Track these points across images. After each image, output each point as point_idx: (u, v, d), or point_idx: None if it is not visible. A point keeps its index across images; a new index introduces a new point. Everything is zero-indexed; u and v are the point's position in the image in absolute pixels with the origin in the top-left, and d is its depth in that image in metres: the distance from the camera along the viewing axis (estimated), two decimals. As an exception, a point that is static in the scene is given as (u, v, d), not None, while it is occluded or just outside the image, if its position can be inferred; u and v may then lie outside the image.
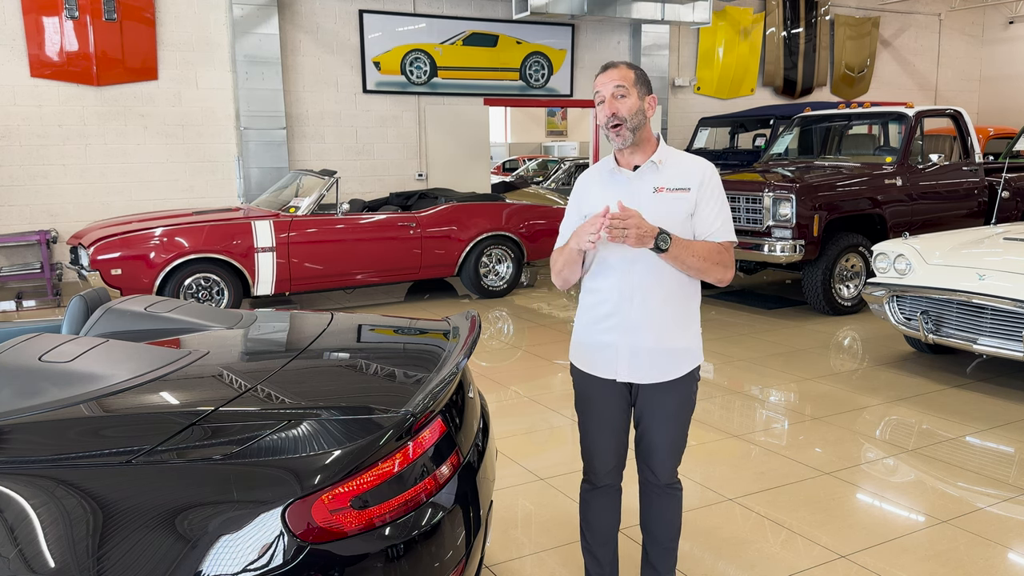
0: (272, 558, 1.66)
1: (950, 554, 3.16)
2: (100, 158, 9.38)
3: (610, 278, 2.44)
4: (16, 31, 8.82)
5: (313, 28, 10.37)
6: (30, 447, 1.80)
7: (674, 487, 2.59)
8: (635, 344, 2.43)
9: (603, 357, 2.48)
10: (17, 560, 1.58)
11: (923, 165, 7.75)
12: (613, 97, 2.34)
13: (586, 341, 2.53)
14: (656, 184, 2.40)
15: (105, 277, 6.72)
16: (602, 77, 2.38)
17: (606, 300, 2.45)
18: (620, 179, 2.44)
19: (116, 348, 2.29)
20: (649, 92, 2.40)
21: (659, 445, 2.51)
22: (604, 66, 2.40)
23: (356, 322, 2.88)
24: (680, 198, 2.39)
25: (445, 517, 1.96)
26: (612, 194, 2.40)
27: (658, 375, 2.46)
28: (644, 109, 2.38)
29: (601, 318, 2.47)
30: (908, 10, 15.41)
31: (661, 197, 2.39)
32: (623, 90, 2.33)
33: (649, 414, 2.50)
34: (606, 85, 2.36)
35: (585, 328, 2.54)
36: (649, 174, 2.41)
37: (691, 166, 2.43)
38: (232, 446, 1.80)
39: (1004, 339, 4.92)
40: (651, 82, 2.46)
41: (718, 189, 2.43)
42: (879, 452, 4.21)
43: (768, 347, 6.34)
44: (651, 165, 2.41)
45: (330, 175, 7.67)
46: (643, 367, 2.45)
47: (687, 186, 2.39)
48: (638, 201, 2.36)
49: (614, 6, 10.77)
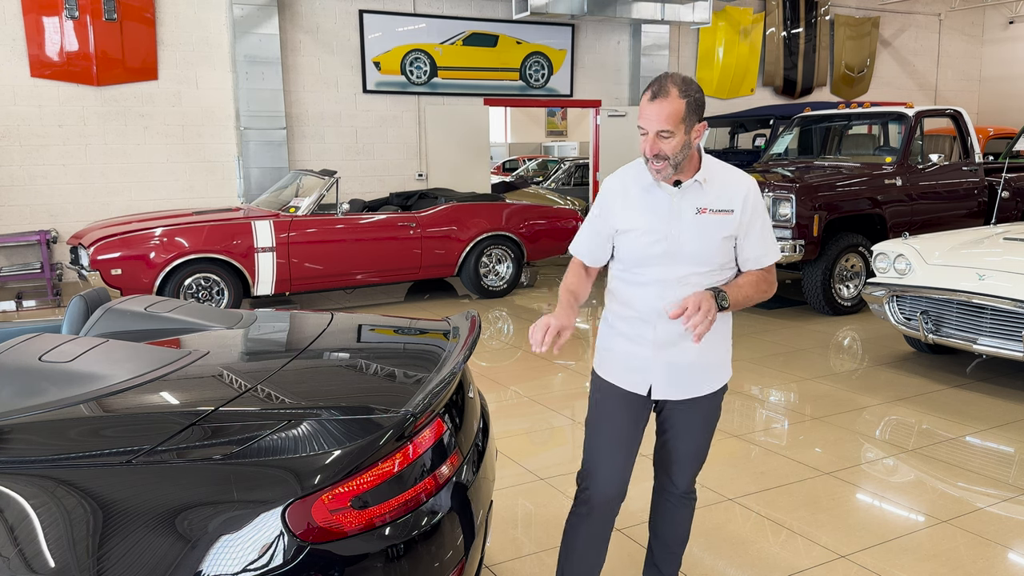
0: (272, 558, 1.66)
1: (950, 554, 3.16)
2: (100, 158, 9.38)
3: (647, 293, 2.30)
4: (16, 31, 8.82)
5: (313, 28, 10.37)
6: (30, 447, 1.80)
7: (691, 496, 2.54)
8: (673, 359, 2.32)
9: (635, 370, 2.35)
10: (17, 560, 1.58)
11: (923, 165, 7.75)
12: (658, 137, 2.15)
13: (616, 350, 2.38)
14: (699, 204, 2.25)
15: (105, 277, 6.72)
16: (649, 108, 2.15)
17: (641, 315, 2.32)
18: (660, 196, 2.27)
19: (116, 348, 2.29)
20: (700, 119, 2.20)
21: (684, 455, 2.45)
22: (653, 91, 2.14)
23: (356, 322, 2.88)
24: (722, 221, 2.25)
25: (445, 517, 1.96)
26: (650, 214, 2.26)
27: (694, 390, 2.37)
28: (691, 141, 2.19)
29: (635, 328, 2.34)
30: (908, 10, 15.41)
31: (703, 219, 2.24)
32: (668, 133, 2.13)
33: (676, 426, 2.41)
34: (650, 122, 2.14)
35: (615, 337, 2.39)
36: (692, 193, 2.25)
37: (734, 184, 2.29)
38: (232, 446, 1.80)
39: (1004, 339, 4.92)
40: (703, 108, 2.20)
41: (761, 208, 2.31)
42: (879, 452, 4.21)
43: (768, 347, 6.34)
44: (694, 184, 2.25)
45: (330, 175, 7.67)
46: (681, 383, 2.35)
47: (730, 207, 2.25)
48: (679, 223, 2.24)
49: (614, 6, 10.77)
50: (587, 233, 2.42)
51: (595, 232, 2.39)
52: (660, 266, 2.26)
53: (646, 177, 2.28)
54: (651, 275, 2.28)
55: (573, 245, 2.47)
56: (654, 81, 2.18)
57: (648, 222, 2.26)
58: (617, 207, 2.33)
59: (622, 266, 2.36)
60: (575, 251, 2.46)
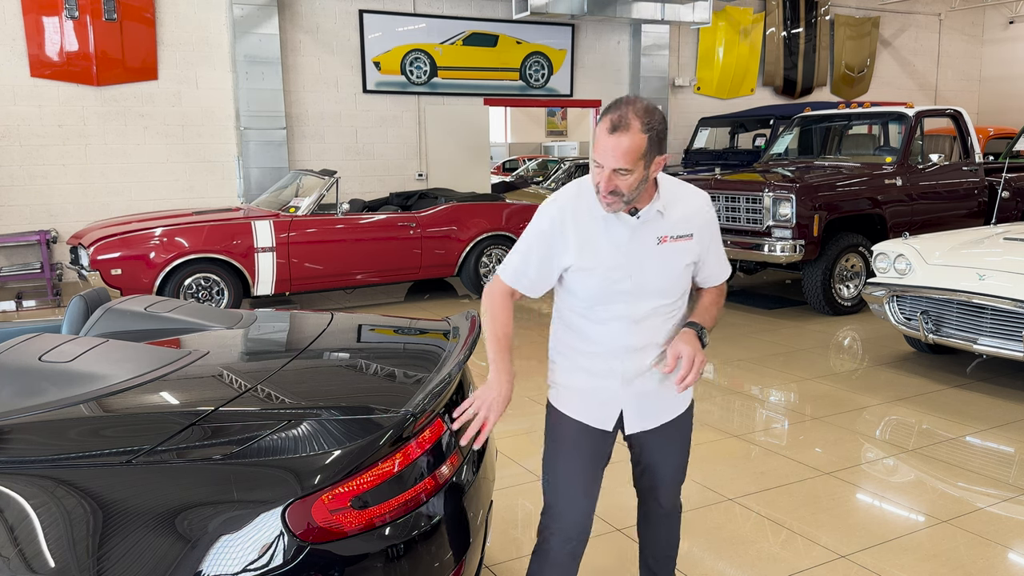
0: (272, 558, 1.66)
1: (950, 554, 3.16)
2: (100, 158, 9.38)
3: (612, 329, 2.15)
4: (16, 31, 8.82)
5: (313, 28, 10.37)
6: (30, 447, 1.80)
7: (678, 508, 2.46)
8: (641, 389, 2.19)
9: (603, 403, 2.20)
10: (17, 560, 1.58)
11: (923, 165, 7.75)
12: (615, 174, 1.96)
13: (579, 385, 2.21)
14: (659, 233, 2.11)
15: (105, 277, 6.72)
16: (607, 142, 1.94)
17: (600, 348, 2.17)
18: (618, 228, 2.09)
19: (116, 348, 2.29)
20: (662, 152, 2.00)
21: (667, 478, 2.35)
22: (613, 123, 1.93)
23: (356, 322, 2.88)
24: (684, 248, 2.14)
25: (445, 517, 1.96)
26: (610, 249, 2.08)
27: (666, 415, 2.26)
28: (649, 175, 2.01)
29: (601, 363, 2.18)
30: (908, 10, 15.41)
31: (665, 249, 2.11)
32: (626, 171, 1.95)
33: (655, 454, 2.30)
34: (607, 158, 1.94)
35: (577, 371, 2.21)
36: (652, 222, 2.10)
37: (690, 207, 2.16)
38: (232, 446, 1.80)
39: (1004, 339, 4.92)
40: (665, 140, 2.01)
41: (715, 224, 2.22)
42: (879, 452, 4.21)
43: (768, 347, 6.34)
44: (655, 214, 2.10)
45: (330, 175, 7.67)
46: (652, 412, 2.24)
47: (689, 232, 2.14)
48: (639, 253, 2.09)
49: (614, 6, 10.77)
50: (531, 262, 2.14)
51: (541, 262, 2.13)
52: (624, 303, 2.11)
53: (600, 208, 2.07)
54: (615, 312, 2.12)
55: (508, 272, 2.17)
56: (614, 108, 1.96)
57: (610, 259, 2.08)
58: (570, 241, 2.09)
59: (581, 304, 2.15)
60: (512, 280, 2.17)
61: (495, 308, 2.17)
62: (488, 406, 2.06)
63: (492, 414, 2.06)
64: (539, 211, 2.16)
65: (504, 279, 2.19)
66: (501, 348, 2.13)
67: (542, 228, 2.12)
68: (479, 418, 2.05)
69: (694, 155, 11.44)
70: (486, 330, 2.17)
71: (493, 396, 2.07)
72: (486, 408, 2.05)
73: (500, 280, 2.20)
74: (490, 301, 2.19)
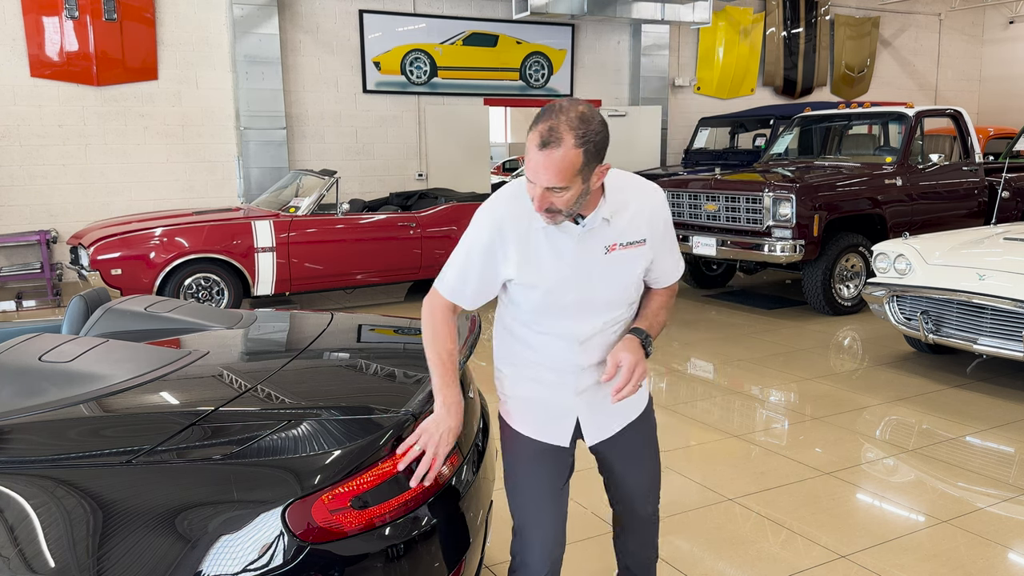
0: (272, 558, 1.66)
1: (950, 554, 3.16)
2: (100, 158, 9.38)
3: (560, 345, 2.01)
4: (16, 31, 8.82)
5: (313, 28, 10.37)
6: (30, 447, 1.80)
7: (656, 515, 2.30)
8: (593, 399, 2.07)
9: (558, 418, 2.07)
10: (17, 560, 1.58)
11: (923, 165, 7.75)
12: (548, 191, 1.78)
13: (532, 398, 2.07)
14: (607, 242, 1.93)
15: (105, 277, 6.72)
16: (537, 158, 1.74)
17: (549, 359, 2.03)
18: (561, 239, 1.92)
19: (116, 348, 2.29)
20: (601, 161, 1.81)
21: (639, 485, 2.20)
22: (543, 137, 1.73)
23: (356, 322, 2.88)
24: (636, 255, 1.97)
25: (445, 517, 1.96)
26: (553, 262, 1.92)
27: (624, 419, 2.13)
28: (590, 186, 1.82)
29: (543, 374, 2.05)
30: (908, 10, 15.41)
31: (615, 258, 1.94)
32: (560, 189, 1.77)
33: (620, 460, 2.16)
34: (538, 176, 1.76)
35: (523, 381, 2.07)
36: (599, 229, 1.93)
37: (640, 204, 1.97)
38: (232, 446, 1.80)
39: (1004, 339, 4.92)
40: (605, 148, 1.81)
41: (669, 222, 2.04)
42: (879, 452, 4.21)
43: (768, 347, 6.34)
44: (600, 221, 1.92)
45: (330, 175, 7.67)
46: (607, 420, 2.11)
47: (640, 237, 1.96)
48: (586, 264, 1.93)
49: (614, 6, 10.77)
50: (469, 279, 1.97)
51: (480, 278, 1.96)
52: (571, 319, 1.97)
53: (540, 218, 1.89)
54: (560, 329, 1.98)
55: (445, 285, 1.99)
56: (543, 117, 1.75)
57: (553, 272, 1.92)
58: (510, 253, 1.92)
59: (523, 314, 2.01)
60: (450, 294, 1.99)
61: (436, 324, 1.98)
62: (435, 442, 1.87)
63: (441, 449, 1.87)
64: (476, 219, 1.97)
65: (442, 293, 2.00)
66: (446, 372, 1.94)
67: (479, 240, 1.94)
68: (427, 456, 1.86)
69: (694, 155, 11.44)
70: (427, 350, 1.96)
71: (441, 430, 1.88)
72: (433, 444, 1.87)
73: (439, 294, 2.01)
74: (431, 317, 1.99)
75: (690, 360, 6.05)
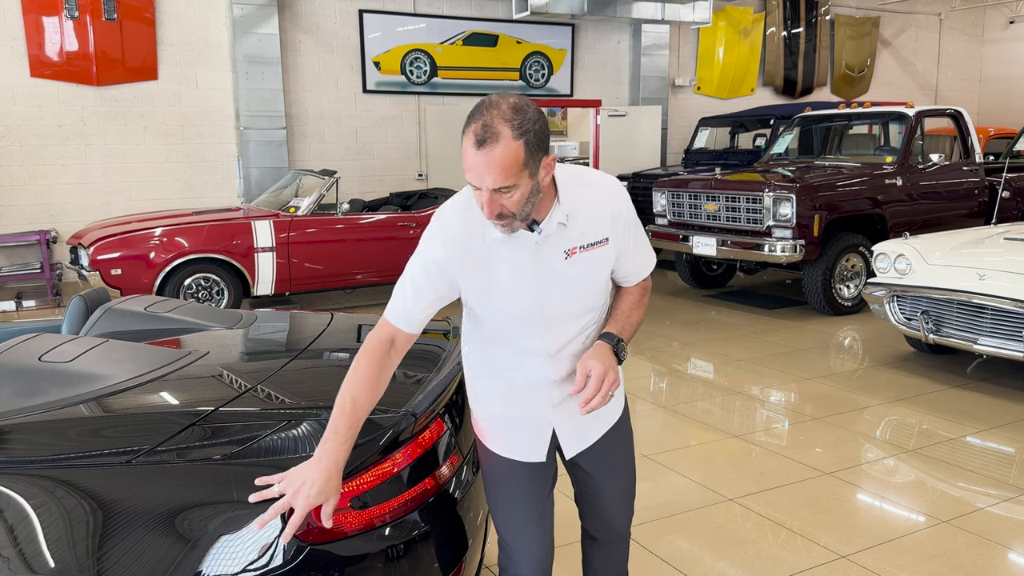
0: (272, 558, 1.66)
1: (950, 554, 3.16)
2: (100, 158, 9.38)
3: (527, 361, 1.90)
4: (16, 31, 8.82)
5: (313, 28, 10.37)
6: (30, 447, 1.80)
7: (627, 535, 2.17)
8: (570, 410, 1.96)
9: (527, 436, 1.97)
10: (17, 560, 1.58)
11: (923, 165, 7.75)
12: (496, 194, 1.65)
13: (503, 416, 1.97)
14: (566, 246, 1.80)
15: (105, 277, 6.72)
16: (476, 159, 1.62)
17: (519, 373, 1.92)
18: (516, 247, 1.79)
19: (116, 348, 2.29)
20: (546, 152, 1.68)
21: (613, 499, 2.09)
22: (477, 137, 1.61)
23: (356, 322, 2.88)
24: (599, 256, 1.84)
25: (445, 517, 1.96)
26: (510, 273, 1.80)
27: (600, 429, 2.03)
28: (539, 182, 1.69)
29: (515, 388, 1.94)
30: (908, 10, 15.41)
31: (576, 262, 1.81)
32: (507, 188, 1.64)
33: (595, 473, 2.06)
34: (481, 178, 1.63)
35: (496, 400, 1.96)
36: (556, 234, 1.80)
37: (599, 202, 1.83)
38: (232, 446, 1.80)
39: (1004, 339, 4.92)
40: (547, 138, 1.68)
41: (633, 216, 1.89)
42: (879, 452, 4.20)
43: (768, 347, 6.34)
44: (557, 226, 1.79)
45: (330, 175, 7.67)
46: (584, 432, 2.01)
47: (602, 236, 1.83)
48: (546, 274, 1.80)
49: (614, 6, 10.77)
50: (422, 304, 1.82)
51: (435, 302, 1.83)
52: (538, 336, 1.86)
53: (493, 231, 1.77)
54: (528, 346, 1.88)
55: (393, 308, 1.84)
56: (476, 115, 1.63)
57: (516, 289, 1.81)
58: (463, 275, 1.81)
59: (490, 334, 1.91)
60: (398, 317, 1.83)
61: (356, 368, 1.78)
62: (295, 491, 1.64)
63: (299, 501, 1.63)
64: (424, 237, 1.83)
65: (389, 319, 1.84)
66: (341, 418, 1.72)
67: (434, 259, 1.79)
68: (284, 501, 1.64)
69: (694, 155, 11.43)
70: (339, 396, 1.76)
71: (300, 482, 1.65)
72: (292, 492, 1.64)
73: (383, 323, 1.85)
74: (360, 353, 1.81)
75: (690, 360, 6.05)
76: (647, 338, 6.65)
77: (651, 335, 6.75)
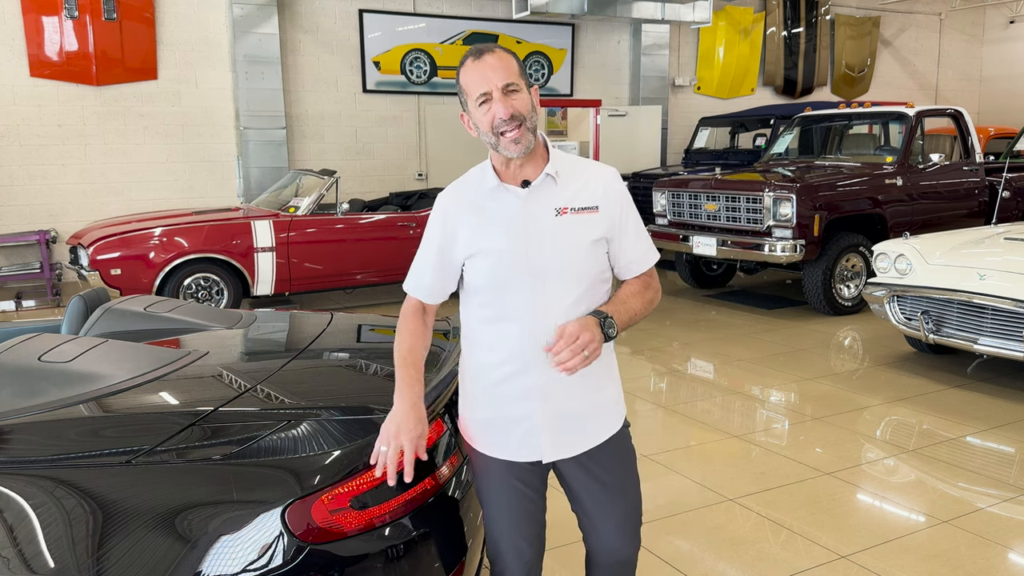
0: (272, 558, 1.66)
1: (950, 554, 3.16)
2: (100, 158, 9.38)
3: (515, 329, 1.88)
4: (16, 31, 8.82)
5: (313, 28, 10.36)
6: (30, 447, 1.80)
7: (634, 560, 2.08)
8: (559, 409, 1.91)
9: (517, 435, 1.93)
10: (17, 560, 1.57)
11: (923, 165, 7.75)
12: (505, 94, 1.79)
13: (489, 416, 1.95)
14: (558, 204, 1.87)
15: (105, 277, 6.72)
16: (482, 66, 1.80)
17: (511, 357, 1.89)
18: (508, 201, 1.88)
19: (116, 348, 2.28)
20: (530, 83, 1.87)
21: (615, 524, 2.01)
22: (476, 53, 1.81)
23: (356, 322, 2.88)
24: (588, 220, 1.88)
25: (445, 517, 1.96)
26: (499, 227, 1.87)
27: (588, 441, 1.96)
28: (534, 104, 1.85)
29: (506, 381, 1.91)
30: (908, 10, 15.41)
31: (565, 221, 1.87)
32: (515, 85, 1.81)
33: (590, 490, 1.99)
34: (491, 79, 1.79)
35: (484, 397, 1.96)
36: (546, 191, 1.88)
37: (592, 175, 1.93)
38: (232, 446, 1.79)
39: (1004, 339, 4.92)
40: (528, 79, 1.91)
41: (629, 201, 1.96)
42: (879, 452, 4.20)
43: (768, 347, 6.34)
44: (546, 179, 1.88)
45: (330, 175, 7.67)
46: (571, 437, 1.95)
47: (593, 203, 1.89)
48: (536, 230, 1.86)
49: (614, 6, 10.77)
50: (429, 267, 1.96)
51: (440, 264, 1.94)
52: (523, 292, 1.86)
53: (488, 181, 1.90)
54: (515, 304, 1.87)
55: (408, 281, 2.01)
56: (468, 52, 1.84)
57: (503, 236, 1.86)
58: (461, 225, 1.91)
59: (479, 299, 1.93)
60: (412, 289, 2.00)
61: (400, 325, 1.99)
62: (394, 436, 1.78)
63: (403, 440, 1.78)
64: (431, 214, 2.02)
65: (408, 291, 2.02)
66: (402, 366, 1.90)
67: (434, 224, 1.97)
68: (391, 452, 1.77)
69: (694, 155, 11.43)
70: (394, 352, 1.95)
71: (395, 429, 1.79)
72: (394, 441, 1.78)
73: (408, 295, 2.03)
74: (400, 320, 2.01)
75: (690, 360, 6.05)
76: (647, 338, 6.65)
77: (651, 335, 6.75)
